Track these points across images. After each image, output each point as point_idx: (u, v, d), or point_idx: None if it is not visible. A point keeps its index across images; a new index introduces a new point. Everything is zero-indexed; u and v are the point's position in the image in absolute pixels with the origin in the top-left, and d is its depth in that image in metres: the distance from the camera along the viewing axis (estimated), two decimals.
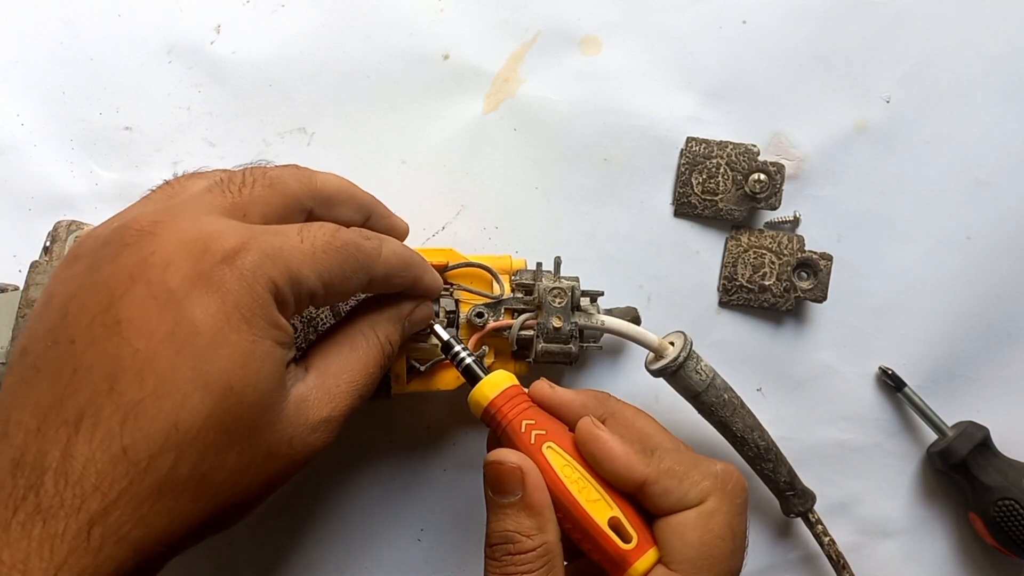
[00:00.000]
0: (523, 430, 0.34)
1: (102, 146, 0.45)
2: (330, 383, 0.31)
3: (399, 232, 0.38)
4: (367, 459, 0.45)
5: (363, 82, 0.46)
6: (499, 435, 0.35)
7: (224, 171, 0.32)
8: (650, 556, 0.32)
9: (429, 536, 0.46)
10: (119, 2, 0.45)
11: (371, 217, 0.36)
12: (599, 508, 0.33)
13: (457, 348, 0.36)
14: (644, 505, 0.33)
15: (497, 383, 0.35)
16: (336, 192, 0.34)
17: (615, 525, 0.33)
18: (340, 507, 0.45)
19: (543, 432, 0.34)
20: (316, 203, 0.33)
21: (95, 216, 0.45)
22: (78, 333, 0.26)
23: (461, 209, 0.46)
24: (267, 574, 0.45)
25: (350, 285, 0.31)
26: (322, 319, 0.38)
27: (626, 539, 0.32)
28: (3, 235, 0.44)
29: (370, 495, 0.45)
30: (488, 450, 0.37)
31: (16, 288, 0.39)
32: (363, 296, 0.37)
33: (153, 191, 0.32)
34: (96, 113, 0.45)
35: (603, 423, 0.35)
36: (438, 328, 0.37)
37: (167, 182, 0.32)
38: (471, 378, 0.36)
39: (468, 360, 0.36)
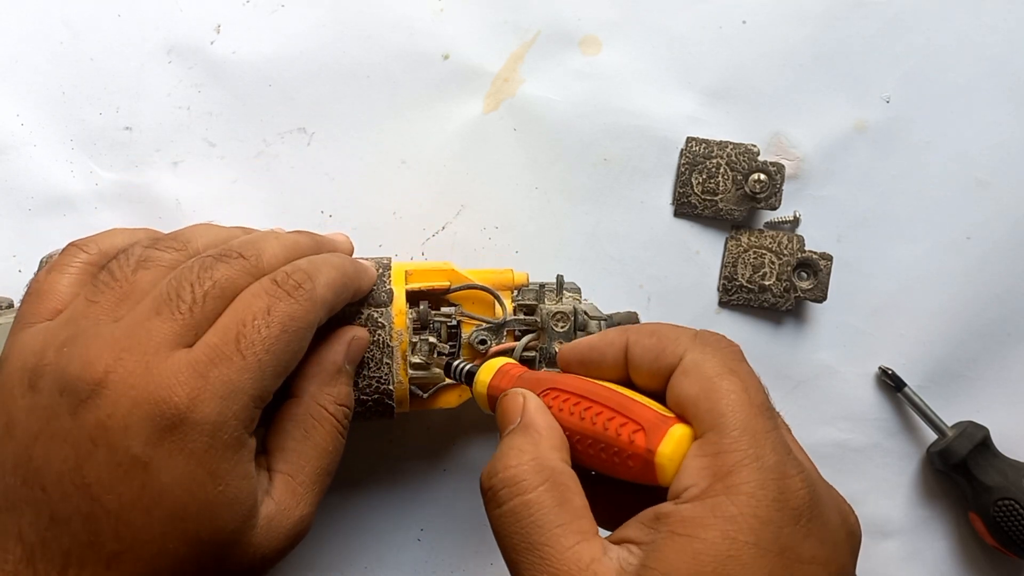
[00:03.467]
0: (542, 372, 0.34)
1: (102, 146, 0.45)
2: (295, 483, 0.32)
3: (346, 253, 0.38)
4: (367, 459, 0.45)
5: (363, 82, 0.46)
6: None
7: (173, 260, 0.31)
8: (688, 429, 0.28)
9: (429, 536, 0.46)
10: (119, 2, 0.45)
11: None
12: (632, 393, 0.30)
13: (455, 363, 0.37)
14: (640, 383, 0.31)
15: (492, 365, 0.35)
16: (283, 264, 0.33)
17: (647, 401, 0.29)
18: (340, 507, 0.45)
19: (545, 379, 0.32)
20: None
21: (95, 216, 0.45)
22: (48, 483, 0.27)
23: (461, 209, 0.46)
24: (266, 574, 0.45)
25: (302, 352, 0.32)
26: None
27: (661, 410, 0.29)
28: (3, 235, 0.44)
29: (370, 495, 0.45)
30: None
31: (11, 305, 0.39)
32: None
33: (100, 287, 0.31)
34: (96, 113, 0.45)
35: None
36: (438, 351, 0.38)
37: (112, 275, 0.31)
38: (470, 379, 0.36)
39: (467, 366, 0.36)
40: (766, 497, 0.25)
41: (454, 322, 0.39)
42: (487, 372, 0.35)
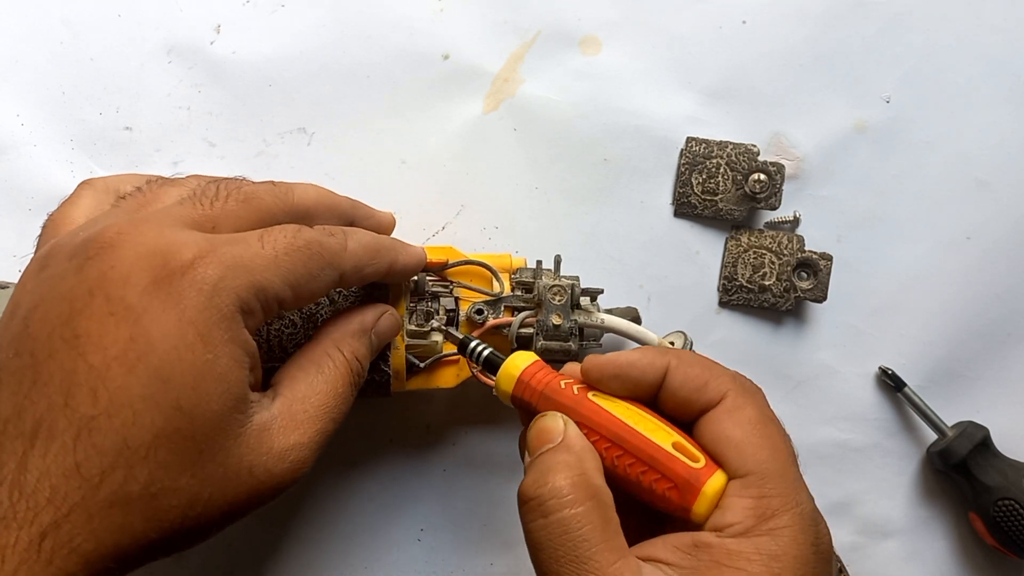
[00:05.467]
0: (564, 387, 0.34)
1: (102, 146, 0.45)
2: (297, 408, 0.30)
3: (385, 227, 0.38)
4: (367, 459, 0.45)
5: (363, 82, 0.46)
6: (535, 406, 0.34)
7: (200, 180, 0.32)
8: (720, 476, 0.31)
9: (429, 536, 0.46)
10: (119, 2, 0.45)
11: (354, 221, 0.36)
12: (661, 435, 0.31)
13: (473, 344, 0.36)
14: (668, 404, 0.32)
15: (523, 358, 0.35)
16: (313, 204, 0.33)
17: (679, 448, 0.31)
18: (340, 507, 0.45)
19: (584, 385, 0.34)
20: (293, 218, 0.32)
21: None
22: (38, 345, 0.26)
23: (461, 209, 0.46)
24: (266, 574, 0.45)
25: (319, 284, 0.31)
26: (322, 315, 0.38)
27: (693, 460, 0.31)
28: (3, 235, 0.44)
29: (370, 495, 0.45)
30: (520, 447, 0.37)
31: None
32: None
33: (125, 198, 0.31)
34: (96, 113, 0.45)
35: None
36: (450, 330, 0.37)
37: (139, 189, 0.32)
38: (493, 366, 0.36)
39: (487, 352, 0.36)
40: (806, 541, 0.28)
41: (451, 293, 0.40)
42: (523, 359, 0.35)
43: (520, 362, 0.35)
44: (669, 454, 0.31)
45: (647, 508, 0.32)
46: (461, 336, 0.37)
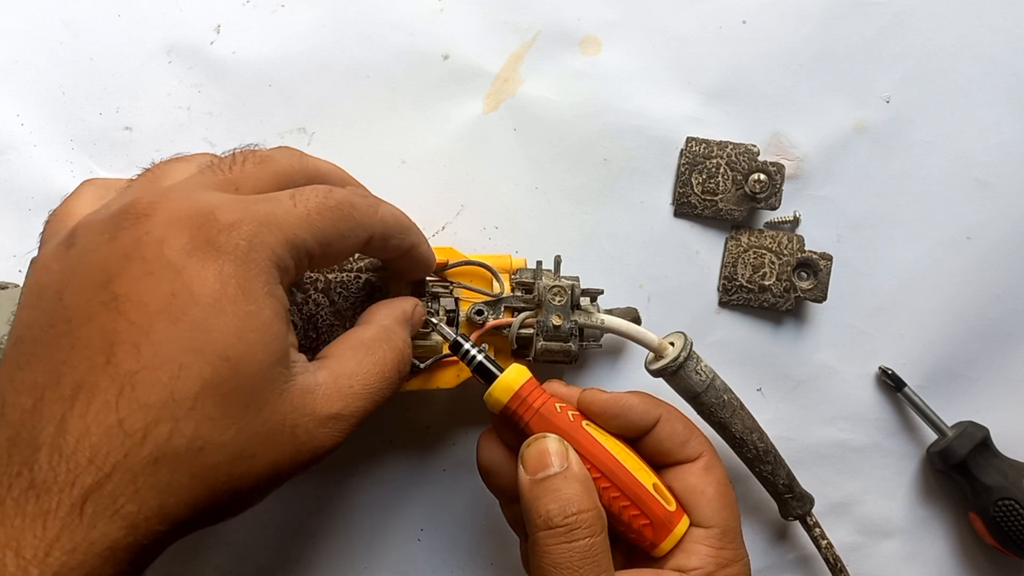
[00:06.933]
0: (559, 411, 0.36)
1: (102, 146, 0.45)
2: (343, 383, 0.30)
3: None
4: (367, 459, 0.45)
5: (363, 82, 0.46)
6: (526, 423, 0.35)
7: (210, 154, 0.32)
8: (687, 521, 0.36)
9: (429, 536, 0.46)
10: (119, 2, 0.45)
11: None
12: (643, 475, 0.36)
13: (467, 346, 0.36)
14: (648, 448, 0.37)
15: (521, 373, 0.36)
16: (328, 172, 0.34)
17: (657, 490, 0.36)
18: (341, 507, 0.45)
19: (577, 412, 0.37)
20: (310, 180, 0.32)
21: None
22: (75, 313, 0.25)
23: (461, 209, 0.46)
24: (266, 574, 0.45)
25: (348, 244, 0.31)
26: (322, 316, 0.38)
27: (667, 503, 0.36)
28: (3, 235, 0.44)
29: (370, 495, 0.45)
30: (480, 447, 0.38)
31: (16, 286, 0.39)
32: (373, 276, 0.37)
33: (135, 179, 0.31)
34: (96, 113, 0.45)
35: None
36: (444, 328, 0.37)
37: (148, 169, 0.32)
38: (486, 374, 0.36)
39: (479, 357, 0.36)
40: None
41: (451, 294, 0.40)
42: (519, 374, 0.36)
43: (518, 376, 0.35)
44: (651, 494, 0.36)
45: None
46: (453, 337, 0.37)
